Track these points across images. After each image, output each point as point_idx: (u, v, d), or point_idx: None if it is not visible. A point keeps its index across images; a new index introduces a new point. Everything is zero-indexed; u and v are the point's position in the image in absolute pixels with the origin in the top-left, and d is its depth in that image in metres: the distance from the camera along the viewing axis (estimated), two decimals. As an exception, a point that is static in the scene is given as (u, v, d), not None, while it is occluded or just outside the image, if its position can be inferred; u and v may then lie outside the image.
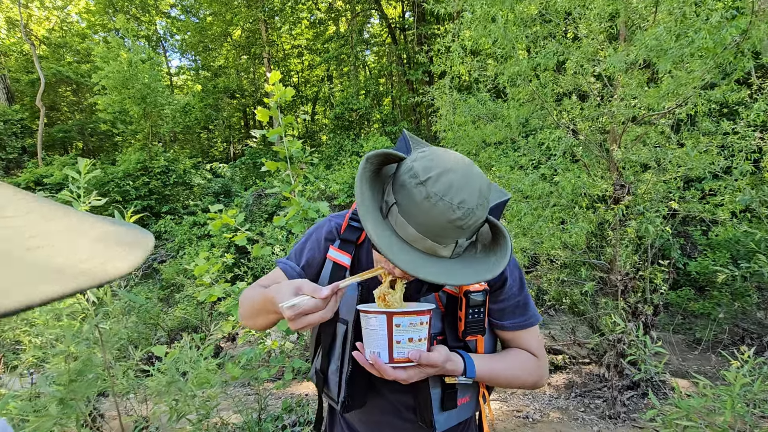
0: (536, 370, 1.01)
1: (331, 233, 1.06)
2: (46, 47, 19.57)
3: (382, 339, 0.83)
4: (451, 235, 0.76)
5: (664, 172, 3.43)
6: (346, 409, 0.98)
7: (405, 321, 0.82)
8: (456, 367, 0.89)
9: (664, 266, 3.78)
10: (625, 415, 3.55)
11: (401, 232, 0.78)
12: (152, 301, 5.94)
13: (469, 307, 0.92)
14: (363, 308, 0.86)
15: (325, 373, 1.03)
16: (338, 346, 1.00)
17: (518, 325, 1.00)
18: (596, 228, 3.73)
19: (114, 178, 10.81)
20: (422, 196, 0.73)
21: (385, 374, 0.83)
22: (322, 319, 0.79)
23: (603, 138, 4.06)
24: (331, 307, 0.81)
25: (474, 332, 0.93)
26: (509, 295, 1.00)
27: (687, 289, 6.25)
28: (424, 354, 0.83)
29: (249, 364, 2.63)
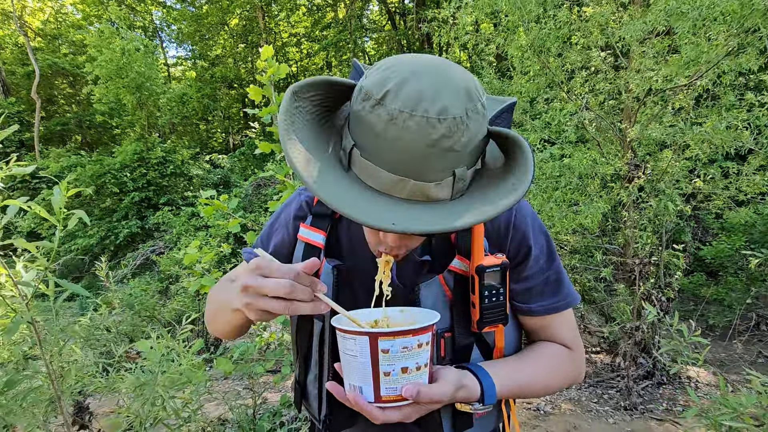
0: (572, 368, 0.79)
1: (302, 209, 0.84)
2: (41, 39, 19.27)
3: (363, 370, 0.60)
4: (441, 165, 0.54)
5: (684, 149, 3.20)
6: (329, 429, 0.77)
7: (396, 345, 0.59)
8: (470, 394, 0.66)
9: (679, 251, 3.58)
10: (642, 406, 3.38)
11: (373, 182, 0.56)
12: (149, 293, 5.79)
13: (484, 287, 0.69)
14: (338, 325, 0.62)
15: (303, 383, 0.83)
16: (315, 349, 0.78)
17: (550, 308, 0.77)
18: (610, 210, 3.52)
19: (111, 170, 10.63)
20: (384, 120, 0.51)
21: (370, 417, 0.60)
22: (280, 291, 0.55)
23: (617, 116, 3.83)
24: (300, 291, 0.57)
25: (493, 321, 0.71)
26: (536, 269, 0.76)
27: (699, 275, 6.05)
28: (424, 390, 0.60)
29: (242, 358, 2.46)
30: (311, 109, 0.60)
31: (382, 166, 0.54)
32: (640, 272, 3.15)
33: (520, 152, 0.57)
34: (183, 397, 1.59)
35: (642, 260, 3.11)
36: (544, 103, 4.35)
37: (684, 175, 3.12)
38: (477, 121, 0.55)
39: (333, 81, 0.59)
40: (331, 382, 0.65)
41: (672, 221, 3.13)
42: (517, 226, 0.76)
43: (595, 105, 3.62)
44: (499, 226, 0.76)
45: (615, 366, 3.95)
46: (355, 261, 0.79)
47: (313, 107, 0.60)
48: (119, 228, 10.36)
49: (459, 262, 0.73)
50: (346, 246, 0.81)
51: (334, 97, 0.62)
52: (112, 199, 10.71)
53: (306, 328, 0.79)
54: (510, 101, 0.65)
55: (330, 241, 0.81)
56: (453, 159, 0.54)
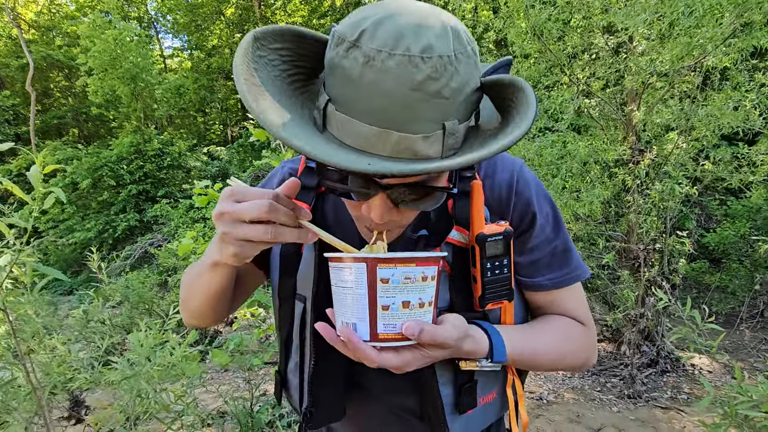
0: (586, 344, 0.72)
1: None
2: (35, 31, 19.02)
3: (359, 303, 0.52)
4: (428, 113, 0.46)
5: (691, 131, 3.11)
6: (311, 423, 0.69)
7: (398, 273, 0.51)
8: (477, 346, 0.59)
9: (683, 237, 3.51)
10: (646, 394, 3.33)
11: (352, 139, 0.48)
12: (147, 286, 5.74)
13: (486, 259, 0.62)
14: (332, 254, 0.56)
15: (284, 372, 0.75)
16: (296, 334, 0.71)
17: (559, 281, 0.70)
18: (613, 197, 3.44)
19: (107, 163, 10.54)
20: (360, 63, 0.44)
21: (364, 358, 0.52)
22: (258, 213, 0.49)
23: (620, 99, 3.73)
24: (282, 213, 0.51)
25: (497, 297, 0.64)
26: (542, 239, 0.69)
27: (702, 262, 6.00)
28: (428, 327, 0.52)
29: (238, 350, 2.41)
30: (279, 65, 0.52)
31: (361, 118, 0.47)
32: (645, 258, 3.08)
33: (522, 96, 0.49)
34: (173, 390, 1.53)
35: (646, 246, 3.04)
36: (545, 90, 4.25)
37: (691, 157, 3.04)
38: (468, 66, 0.47)
39: (304, 33, 0.51)
40: (320, 323, 0.57)
41: (677, 207, 3.05)
42: (519, 192, 0.69)
43: (598, 89, 3.52)
44: (500, 193, 0.69)
45: (618, 354, 3.91)
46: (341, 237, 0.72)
47: (282, 64, 0.52)
48: (117, 221, 10.32)
49: (457, 233, 0.66)
50: (332, 222, 0.74)
51: (308, 59, 0.54)
52: (109, 192, 10.64)
53: (287, 311, 0.71)
54: (505, 59, 0.58)
55: (315, 214, 0.73)
56: (442, 108, 0.47)
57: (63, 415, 2.84)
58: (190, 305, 0.74)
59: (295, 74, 0.54)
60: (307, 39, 0.52)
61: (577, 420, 3.10)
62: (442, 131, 0.48)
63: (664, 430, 2.88)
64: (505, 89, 0.51)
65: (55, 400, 2.65)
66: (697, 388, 3.41)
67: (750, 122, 2.74)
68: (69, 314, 2.89)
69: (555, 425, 3.03)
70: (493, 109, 0.56)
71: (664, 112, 3.10)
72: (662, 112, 3.06)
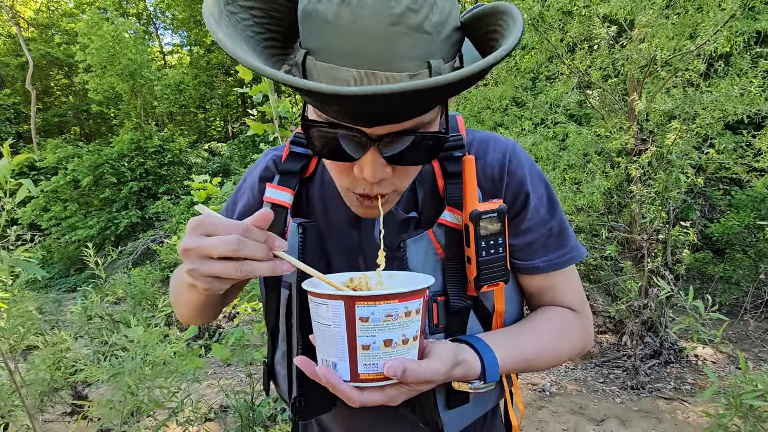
0: (582, 335, 0.70)
1: (268, 170, 0.74)
2: (34, 29, 18.97)
3: (338, 341, 0.50)
4: (411, 50, 0.43)
5: (694, 119, 3.06)
6: (300, 414, 0.67)
7: (378, 311, 0.48)
8: (469, 371, 0.57)
9: (686, 227, 3.47)
10: (649, 385, 3.32)
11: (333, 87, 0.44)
12: (149, 282, 5.76)
13: (480, 237, 0.59)
14: (309, 287, 0.52)
15: (271, 363, 0.73)
16: (282, 322, 0.68)
17: (555, 263, 0.67)
18: (615, 187, 3.41)
19: (108, 160, 10.53)
20: (335, 4, 0.42)
21: (344, 398, 0.50)
22: (227, 249, 0.46)
23: (622, 88, 3.68)
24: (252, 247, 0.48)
25: (493, 278, 0.61)
26: (536, 220, 0.67)
27: (705, 252, 5.96)
28: (412, 366, 0.49)
29: (239, 344, 2.40)
30: (252, 26, 0.49)
31: (342, 62, 0.44)
32: (648, 249, 3.05)
33: (507, 18, 0.45)
34: (164, 386, 1.52)
35: (649, 236, 3.01)
36: (546, 81, 4.20)
37: (694, 146, 3.00)
38: (447, 0, 0.45)
39: None
40: (300, 356, 0.55)
41: (680, 197, 3.02)
42: (512, 171, 0.67)
43: (599, 78, 3.47)
44: (492, 173, 0.67)
45: (621, 345, 3.89)
46: (328, 223, 0.70)
47: (255, 25, 0.49)
48: (119, 218, 10.33)
49: (450, 214, 0.64)
50: (318, 206, 0.71)
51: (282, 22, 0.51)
52: (111, 189, 10.64)
53: (273, 299, 0.69)
54: (479, 3, 0.54)
55: (300, 201, 0.71)
56: (425, 44, 0.44)
57: (66, 411, 2.86)
58: (180, 311, 0.74)
59: (269, 39, 0.51)
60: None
61: (580, 411, 3.09)
62: (428, 70, 0.45)
63: (667, 420, 2.87)
64: (488, 20, 0.48)
65: (58, 396, 2.66)
66: (700, 379, 3.39)
67: (755, 107, 2.69)
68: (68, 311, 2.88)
69: (557, 417, 3.03)
70: (475, 53, 0.53)
71: (667, 100, 3.06)
72: (665, 100, 3.02)
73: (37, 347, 2.76)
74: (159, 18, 21.55)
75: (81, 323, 2.70)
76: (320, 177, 0.72)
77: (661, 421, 2.87)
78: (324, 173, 0.72)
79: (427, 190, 0.68)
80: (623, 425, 2.87)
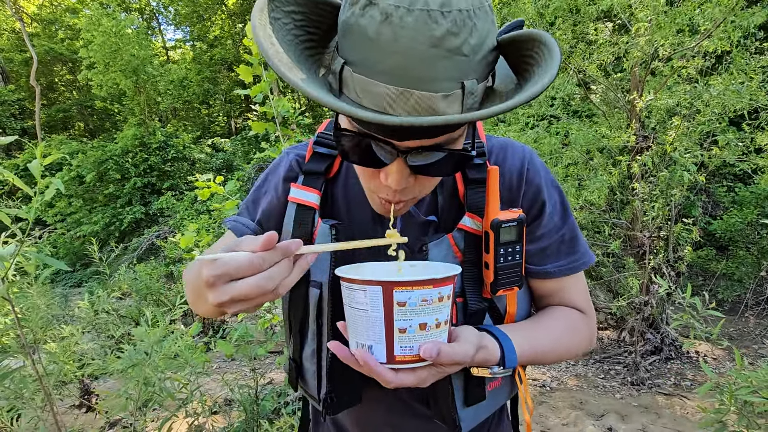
0: (588, 333, 0.73)
1: (292, 169, 0.75)
2: (37, 24, 19.01)
3: (375, 326, 0.52)
4: (448, 71, 0.45)
5: (695, 115, 3.06)
6: (330, 409, 0.69)
7: (415, 296, 0.50)
8: (490, 356, 0.59)
9: (689, 224, 3.48)
10: (650, 381, 3.34)
11: (369, 100, 0.47)
12: (154, 278, 5.82)
13: (500, 245, 0.62)
14: (344, 274, 0.54)
15: (299, 360, 0.74)
16: (311, 322, 0.70)
17: (566, 269, 0.70)
18: (618, 184, 3.42)
19: (112, 156, 10.59)
20: (377, 21, 0.44)
21: (381, 380, 0.52)
22: (262, 290, 0.46)
23: (623, 86, 3.68)
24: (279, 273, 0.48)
25: (508, 283, 0.64)
26: (550, 227, 0.70)
27: (708, 249, 5.95)
28: (445, 348, 0.52)
29: (243, 340, 2.44)
30: (293, 29, 0.51)
31: (379, 78, 0.46)
32: (650, 246, 3.06)
33: (544, 50, 0.48)
34: (176, 378, 1.56)
35: (651, 234, 3.02)
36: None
37: (697, 142, 3.00)
38: (486, 22, 0.47)
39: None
40: (333, 341, 0.57)
41: (683, 194, 3.03)
42: (529, 180, 0.69)
43: (600, 75, 3.47)
44: (510, 180, 0.69)
45: (622, 342, 3.91)
46: (352, 223, 0.72)
47: (295, 28, 0.52)
48: (123, 214, 10.41)
49: (470, 219, 0.66)
50: (342, 207, 0.73)
51: (320, 24, 0.54)
52: (115, 185, 10.71)
53: (300, 298, 0.71)
54: (517, 21, 0.56)
55: (325, 201, 0.73)
56: (461, 66, 0.46)
57: (74, 404, 2.91)
58: (199, 310, 0.73)
59: (307, 40, 0.53)
60: (320, 3, 0.52)
61: (580, 407, 3.12)
62: (461, 90, 0.47)
63: (666, 416, 2.90)
64: (524, 45, 0.50)
65: (66, 389, 2.71)
66: (700, 375, 3.42)
67: (755, 103, 2.68)
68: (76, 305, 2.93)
69: (558, 412, 3.06)
70: (508, 70, 0.55)
71: (667, 97, 3.05)
72: (667, 97, 3.01)
73: (46, 341, 2.81)
74: (162, 13, 21.54)
75: (89, 318, 2.75)
76: (344, 177, 0.74)
77: (660, 417, 2.90)
78: (348, 174, 0.74)
79: (448, 195, 0.70)
80: (623, 420, 2.90)
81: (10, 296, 1.15)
